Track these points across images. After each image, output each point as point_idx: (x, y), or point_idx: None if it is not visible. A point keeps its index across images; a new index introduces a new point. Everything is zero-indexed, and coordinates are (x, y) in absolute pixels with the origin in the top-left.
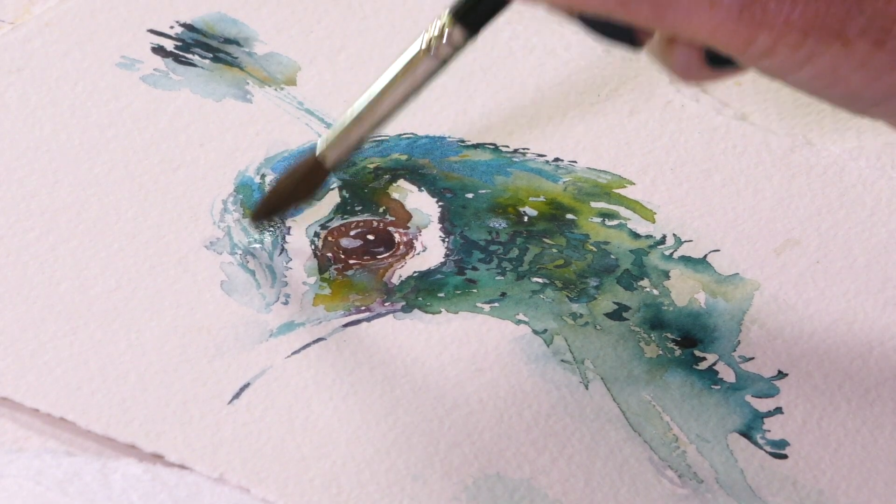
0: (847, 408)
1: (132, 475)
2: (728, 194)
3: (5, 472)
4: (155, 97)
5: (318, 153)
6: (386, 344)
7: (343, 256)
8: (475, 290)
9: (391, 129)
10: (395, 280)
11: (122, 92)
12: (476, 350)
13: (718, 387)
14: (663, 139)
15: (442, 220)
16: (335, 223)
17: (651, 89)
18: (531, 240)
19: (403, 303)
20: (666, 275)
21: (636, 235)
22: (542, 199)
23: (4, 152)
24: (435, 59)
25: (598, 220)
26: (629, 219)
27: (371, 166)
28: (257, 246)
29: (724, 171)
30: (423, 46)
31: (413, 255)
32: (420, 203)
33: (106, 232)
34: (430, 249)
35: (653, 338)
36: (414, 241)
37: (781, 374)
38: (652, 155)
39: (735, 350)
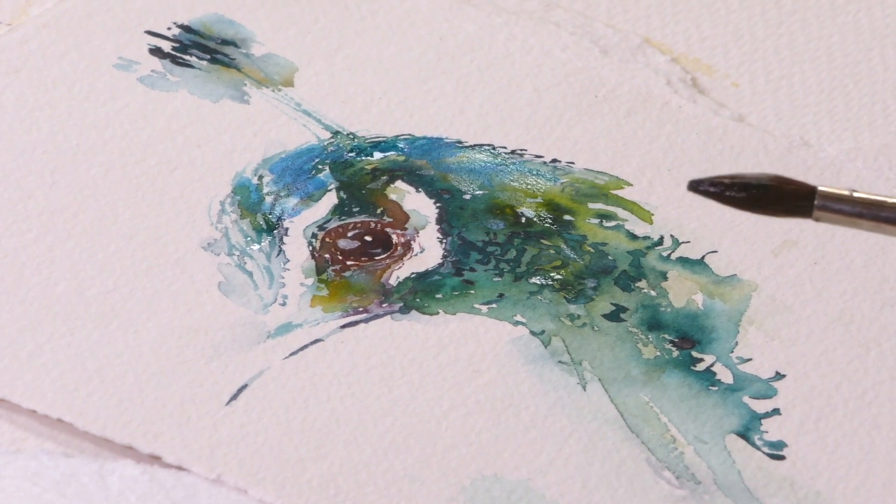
0: (845, 409)
1: (130, 476)
2: None
3: (2, 474)
4: (152, 98)
5: (819, 189)
6: (384, 345)
7: (341, 257)
8: (473, 291)
9: (389, 129)
10: (393, 281)
11: (119, 93)
12: (474, 351)
13: (716, 388)
14: (661, 140)
15: (439, 221)
16: (332, 224)
17: (648, 90)
18: (529, 241)
19: (401, 304)
20: (663, 276)
21: (634, 236)
22: (539, 200)
23: (2, 154)
24: None
25: (596, 221)
26: (626, 220)
27: (368, 167)
28: (255, 247)
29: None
30: None
31: (410, 257)
32: (418, 204)
33: (103, 233)
34: (427, 250)
35: (650, 339)
36: (411, 242)
37: (779, 376)
38: (649, 156)
39: (733, 351)
